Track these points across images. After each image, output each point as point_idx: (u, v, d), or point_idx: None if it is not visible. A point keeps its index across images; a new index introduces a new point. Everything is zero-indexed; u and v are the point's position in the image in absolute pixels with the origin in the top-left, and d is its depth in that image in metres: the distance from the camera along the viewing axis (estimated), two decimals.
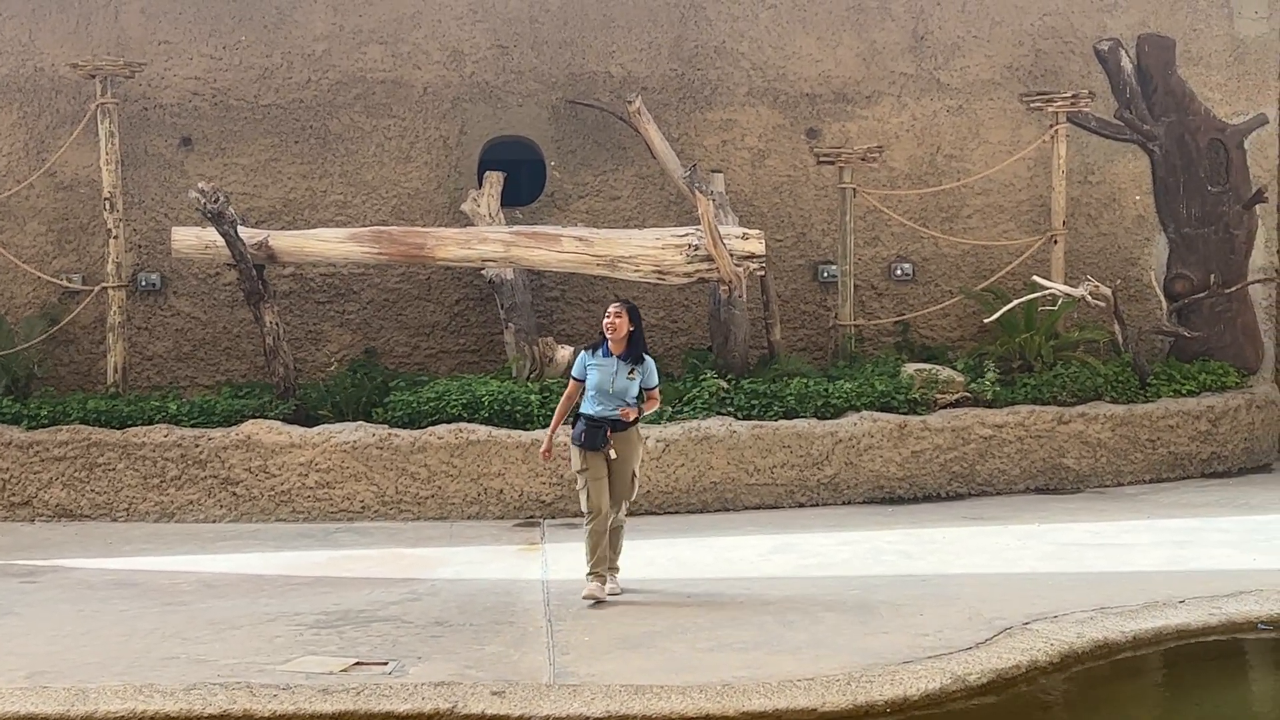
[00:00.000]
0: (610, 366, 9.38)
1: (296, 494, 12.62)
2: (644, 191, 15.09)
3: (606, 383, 9.35)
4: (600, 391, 9.37)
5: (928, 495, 13.32)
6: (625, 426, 9.42)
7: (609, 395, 9.36)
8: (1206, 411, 14.33)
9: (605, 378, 9.36)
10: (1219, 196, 15.92)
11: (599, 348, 9.50)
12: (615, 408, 9.35)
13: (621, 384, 9.37)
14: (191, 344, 14.65)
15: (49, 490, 12.69)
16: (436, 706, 7.09)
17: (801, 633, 8.48)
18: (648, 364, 9.53)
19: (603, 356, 9.44)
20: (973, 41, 15.53)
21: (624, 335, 9.40)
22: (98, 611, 9.25)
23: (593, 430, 9.34)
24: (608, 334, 9.41)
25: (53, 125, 14.51)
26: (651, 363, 9.59)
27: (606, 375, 9.37)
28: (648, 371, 9.52)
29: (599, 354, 9.47)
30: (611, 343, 9.41)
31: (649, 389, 9.55)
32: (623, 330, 9.39)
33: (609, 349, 9.43)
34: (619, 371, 9.36)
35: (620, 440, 9.40)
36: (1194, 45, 15.91)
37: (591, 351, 9.52)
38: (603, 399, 9.37)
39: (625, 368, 9.38)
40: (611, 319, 9.38)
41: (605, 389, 9.35)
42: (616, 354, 9.42)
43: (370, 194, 14.81)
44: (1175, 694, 8.17)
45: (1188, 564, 10.28)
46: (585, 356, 9.53)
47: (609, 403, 9.36)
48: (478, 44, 14.93)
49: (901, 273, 15.40)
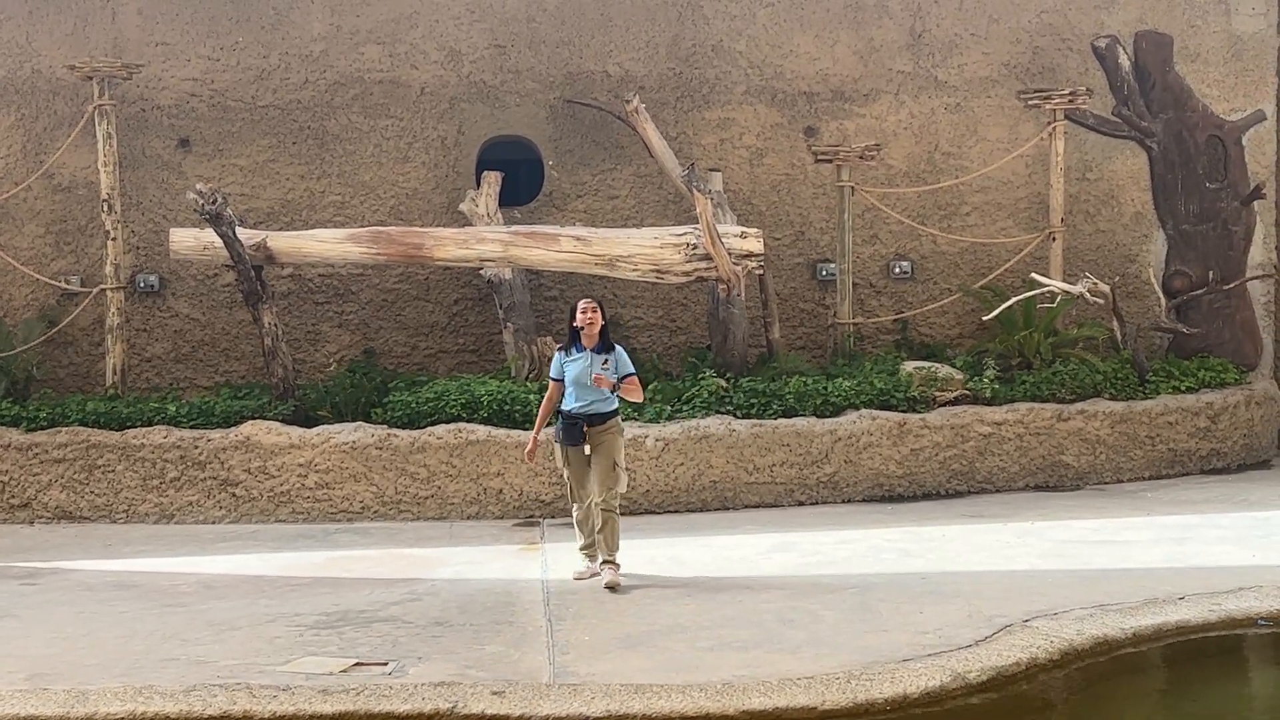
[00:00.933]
0: (584, 360, 9.86)
1: (296, 495, 12.61)
2: (642, 191, 15.09)
3: (584, 375, 9.80)
4: (579, 385, 9.82)
5: (927, 493, 13.32)
6: (603, 420, 9.81)
7: (586, 388, 9.78)
8: (1205, 408, 14.33)
9: (582, 370, 9.81)
10: (1217, 193, 15.92)
11: (572, 345, 9.96)
12: (592, 400, 9.79)
13: (598, 374, 9.77)
14: (190, 345, 14.65)
15: (48, 492, 12.69)
16: (436, 707, 7.09)
17: (801, 631, 8.47)
18: (618, 352, 9.99)
19: (576, 352, 9.92)
20: (970, 39, 15.52)
21: (598, 330, 9.87)
22: (97, 613, 9.25)
23: (569, 427, 9.84)
24: (583, 330, 9.86)
25: (50, 127, 14.51)
26: (622, 351, 10.05)
27: (583, 368, 9.81)
28: (620, 359, 9.95)
29: (573, 351, 9.94)
30: (586, 338, 9.87)
31: (625, 377, 9.91)
32: (598, 325, 9.87)
33: (581, 344, 9.89)
34: (593, 363, 9.81)
35: (596, 434, 9.81)
36: (1192, 42, 15.91)
37: (565, 351, 9.99)
38: (581, 392, 9.81)
39: (599, 359, 9.84)
40: (588, 315, 9.88)
41: (583, 381, 9.79)
42: (589, 348, 9.86)
43: (368, 194, 14.81)
44: (1175, 690, 8.17)
45: (1187, 560, 10.28)
46: (560, 356, 10.02)
47: (587, 395, 9.80)
48: (475, 44, 14.93)
49: (900, 271, 15.39)
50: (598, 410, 9.80)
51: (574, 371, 9.82)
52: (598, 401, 9.80)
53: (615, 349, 9.97)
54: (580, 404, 9.79)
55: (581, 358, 9.84)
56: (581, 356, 9.84)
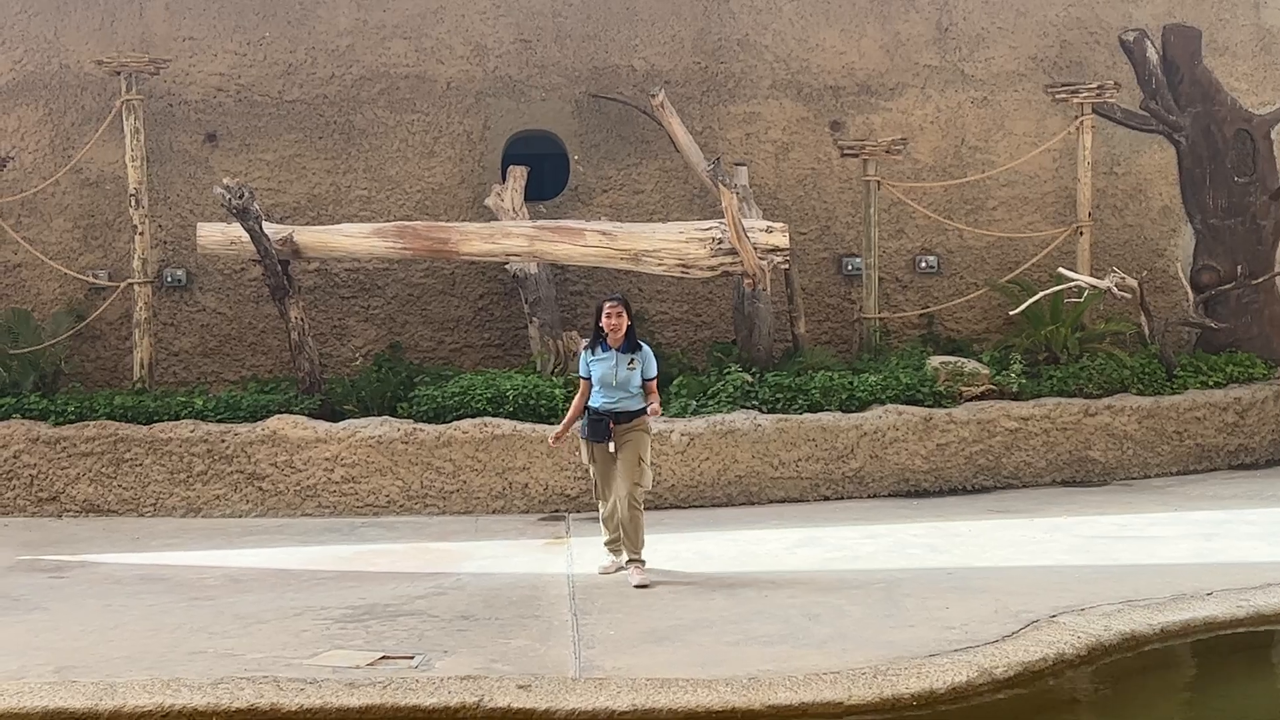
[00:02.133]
0: (611, 360, 9.82)
1: (322, 489, 12.65)
2: (667, 185, 15.08)
3: (610, 376, 9.77)
4: (605, 385, 9.79)
5: (953, 488, 13.28)
6: (629, 418, 9.79)
7: (613, 387, 9.76)
8: (1233, 403, 14.25)
9: (608, 371, 9.78)
10: (1246, 187, 15.83)
11: (598, 345, 9.90)
12: (619, 398, 9.74)
13: (624, 374, 9.78)
14: (217, 339, 14.71)
15: (76, 486, 12.74)
16: (463, 700, 7.09)
17: (827, 626, 8.46)
18: (645, 351, 9.93)
19: (602, 351, 9.87)
20: (997, 33, 15.47)
21: (624, 332, 9.82)
22: (125, 606, 9.29)
23: (595, 423, 9.81)
24: (609, 332, 9.82)
25: (78, 122, 14.58)
26: (649, 350, 9.98)
27: (609, 369, 9.78)
28: (646, 360, 9.90)
29: (599, 350, 9.88)
30: (611, 338, 9.82)
31: (648, 379, 9.89)
32: (623, 327, 9.82)
33: (607, 344, 9.84)
34: (620, 364, 9.78)
35: (623, 432, 9.77)
36: (1220, 35, 15.82)
37: (591, 350, 9.95)
38: (608, 391, 9.78)
39: (625, 359, 9.80)
40: (613, 318, 9.81)
41: (609, 382, 9.77)
42: (615, 347, 9.81)
43: (394, 189, 14.84)
44: (1203, 687, 8.13)
45: (1215, 556, 10.22)
46: (586, 355, 9.98)
47: (613, 394, 9.77)
48: (501, 38, 14.94)
49: (926, 265, 15.36)
50: (626, 408, 9.77)
51: (600, 371, 9.79)
52: (626, 399, 9.77)
53: (641, 348, 9.90)
54: (608, 402, 9.77)
55: (608, 357, 9.80)
56: (608, 356, 9.80)
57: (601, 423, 9.75)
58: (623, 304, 9.89)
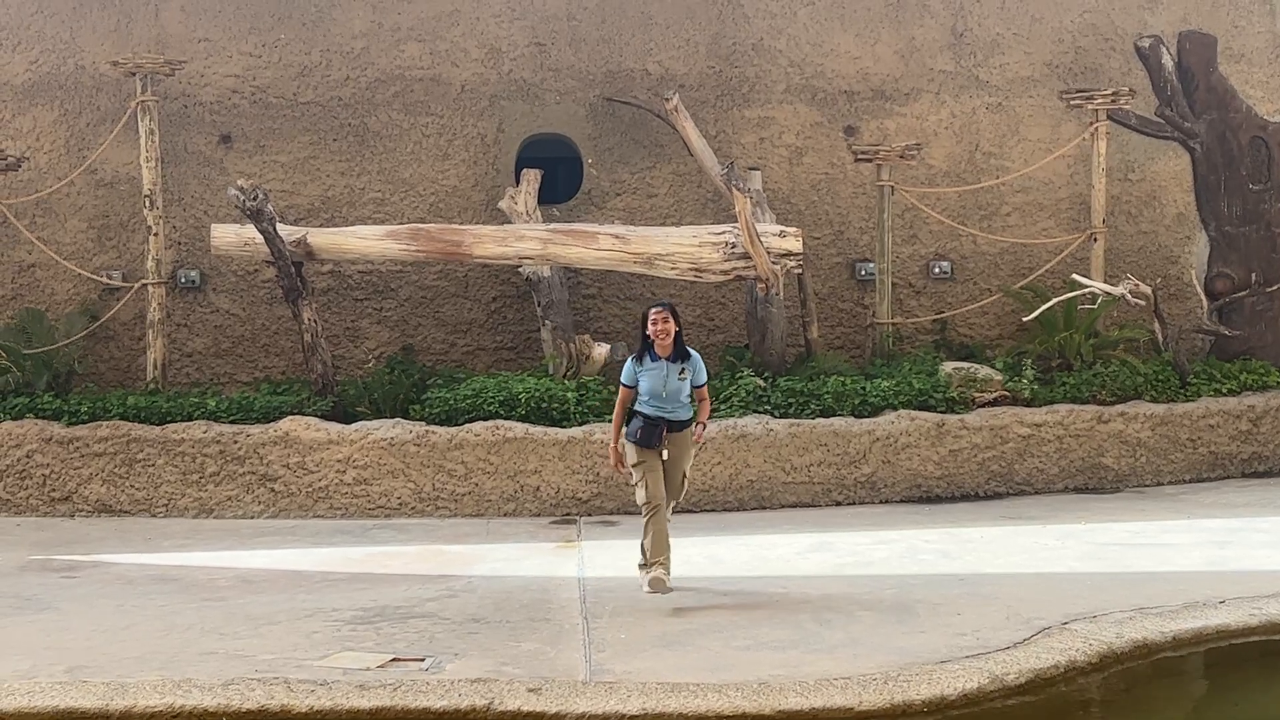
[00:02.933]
0: (660, 370, 9.35)
1: (334, 490, 12.66)
2: (681, 189, 15.08)
3: (659, 387, 9.32)
4: (654, 396, 9.35)
5: (965, 494, 13.26)
6: (682, 426, 9.43)
7: (663, 398, 9.34)
8: (1247, 411, 14.21)
9: (657, 382, 9.34)
10: (1261, 194, 15.80)
11: (645, 354, 9.43)
12: (673, 408, 9.34)
13: (674, 385, 9.34)
14: (230, 341, 14.73)
15: (89, 486, 12.77)
16: (473, 703, 7.09)
17: (838, 631, 8.45)
18: (695, 359, 9.51)
19: (651, 361, 9.39)
20: (1012, 38, 15.45)
21: (672, 339, 9.37)
22: (137, 606, 9.30)
23: (649, 428, 9.30)
24: (655, 339, 9.34)
25: (93, 123, 14.62)
26: (698, 358, 9.58)
27: (658, 379, 9.34)
28: (696, 368, 9.48)
29: (647, 360, 9.41)
30: (660, 347, 9.36)
31: (698, 387, 9.51)
32: (671, 334, 9.35)
33: (655, 353, 9.39)
34: (669, 374, 9.34)
35: (675, 440, 9.43)
36: (1236, 42, 15.79)
37: (638, 359, 9.45)
38: (657, 402, 9.35)
39: (675, 369, 9.36)
40: (660, 325, 9.31)
41: (659, 393, 9.33)
42: (664, 356, 9.38)
43: (408, 191, 14.85)
44: (1215, 695, 8.11)
45: (1228, 564, 10.19)
46: (633, 364, 9.46)
47: (664, 405, 9.34)
48: (516, 41, 14.96)
49: (940, 271, 15.34)
50: (679, 417, 9.41)
51: (649, 383, 9.34)
52: (678, 409, 9.39)
53: (691, 356, 9.46)
54: (660, 411, 9.33)
55: (657, 368, 9.33)
56: (657, 367, 9.33)
57: (656, 428, 9.28)
58: (669, 310, 9.40)
